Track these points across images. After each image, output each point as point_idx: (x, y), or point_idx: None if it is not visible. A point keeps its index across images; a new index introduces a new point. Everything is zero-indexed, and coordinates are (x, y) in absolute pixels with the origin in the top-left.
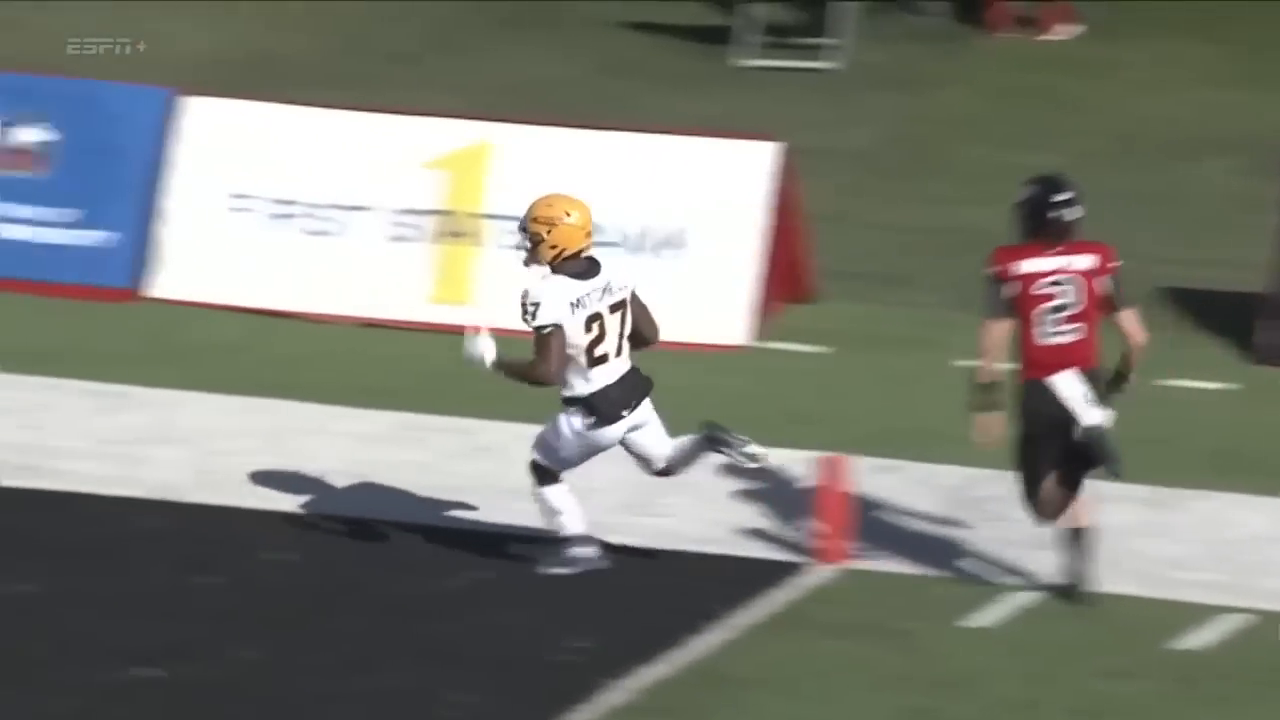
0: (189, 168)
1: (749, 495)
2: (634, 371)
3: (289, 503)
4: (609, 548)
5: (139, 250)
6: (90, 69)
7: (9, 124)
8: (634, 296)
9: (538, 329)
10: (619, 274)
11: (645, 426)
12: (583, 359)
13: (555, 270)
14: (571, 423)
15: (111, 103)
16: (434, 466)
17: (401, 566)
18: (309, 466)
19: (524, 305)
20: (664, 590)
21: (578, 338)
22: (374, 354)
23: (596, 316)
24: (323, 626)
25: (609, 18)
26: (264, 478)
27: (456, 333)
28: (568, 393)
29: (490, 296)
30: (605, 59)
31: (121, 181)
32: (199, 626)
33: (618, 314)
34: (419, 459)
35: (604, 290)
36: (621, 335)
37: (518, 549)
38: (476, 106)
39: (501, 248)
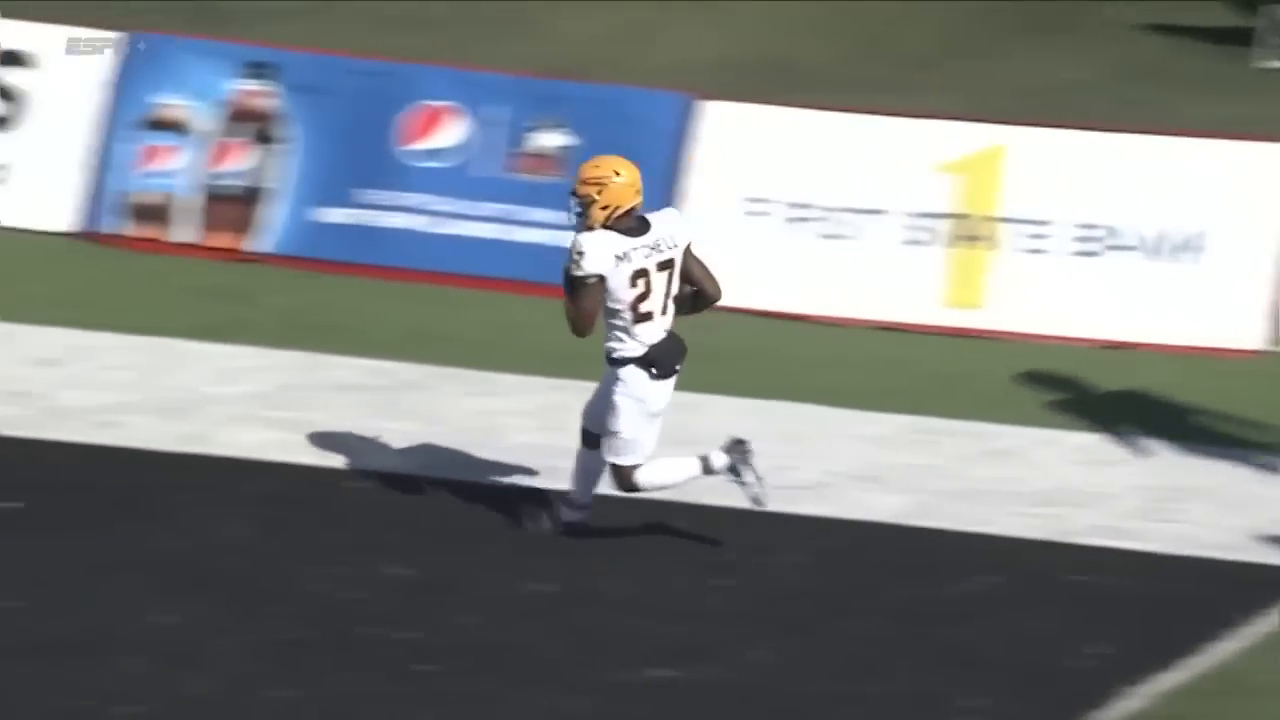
0: (706, 171)
1: (1269, 501)
2: (674, 335)
3: (803, 505)
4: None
5: None
6: (607, 74)
7: (531, 129)
8: (689, 253)
9: (579, 278)
10: (669, 232)
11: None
12: (628, 315)
13: (607, 229)
14: (627, 389)
15: (630, 107)
16: (947, 470)
17: (913, 569)
18: (824, 469)
19: (571, 254)
20: (1181, 597)
21: (623, 293)
22: (887, 357)
23: (643, 273)
24: (835, 629)
25: (1129, 20)
26: (777, 480)
27: (970, 336)
28: (619, 353)
29: (1003, 300)
30: (1124, 62)
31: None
32: (714, 628)
33: (665, 272)
34: (932, 462)
35: (652, 247)
36: (668, 295)
37: (1032, 554)
38: (992, 110)
39: (1016, 251)
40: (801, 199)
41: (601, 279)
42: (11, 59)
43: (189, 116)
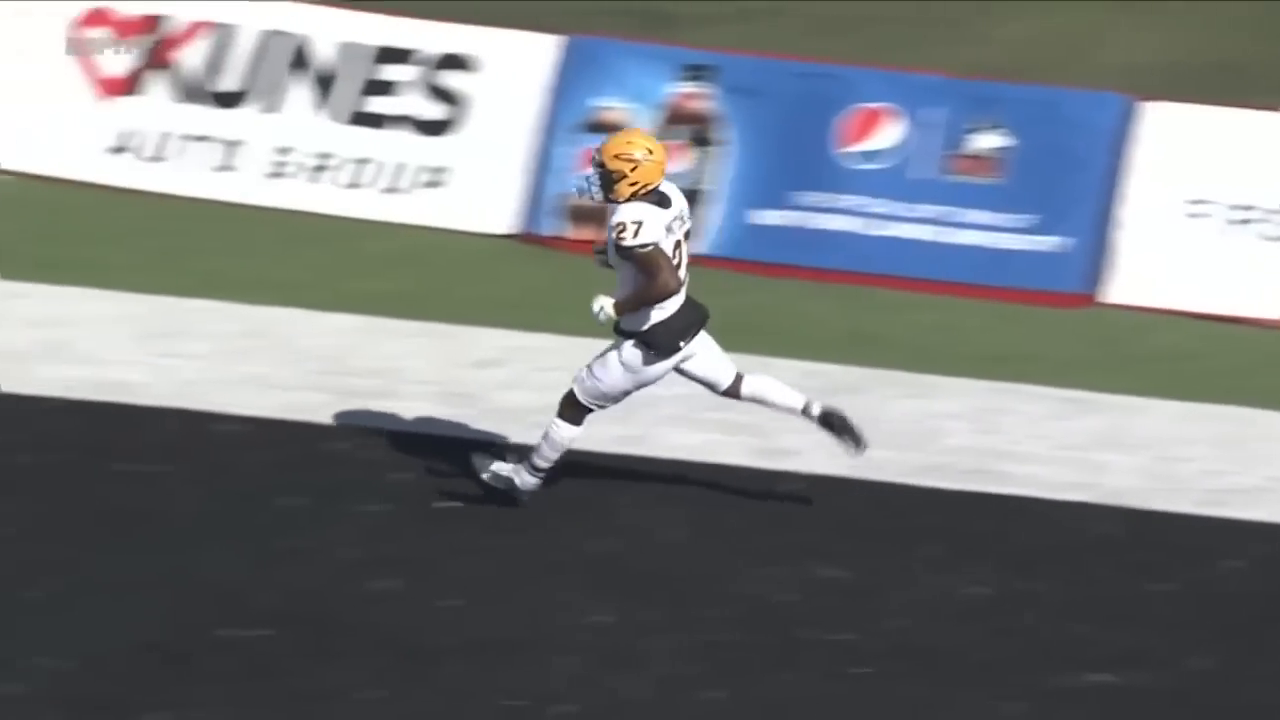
0: (1146, 174)
1: None
2: (690, 301)
3: (1240, 510)
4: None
5: (1095, 256)
6: (1041, 76)
7: (968, 131)
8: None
9: (640, 247)
10: (683, 204)
11: (698, 354)
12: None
13: (631, 200)
14: (625, 357)
15: (1069, 109)
16: None
17: None
18: (1263, 474)
19: (622, 227)
20: None
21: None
22: None
23: (678, 245)
24: (1276, 636)
25: None
26: (1214, 485)
27: None
28: (630, 324)
29: None
30: None
31: (1078, 188)
32: (1152, 633)
33: (687, 242)
34: None
35: (680, 218)
36: (685, 263)
37: None
38: None
39: None
40: (1244, 201)
41: (658, 245)
42: (452, 62)
43: (627, 119)
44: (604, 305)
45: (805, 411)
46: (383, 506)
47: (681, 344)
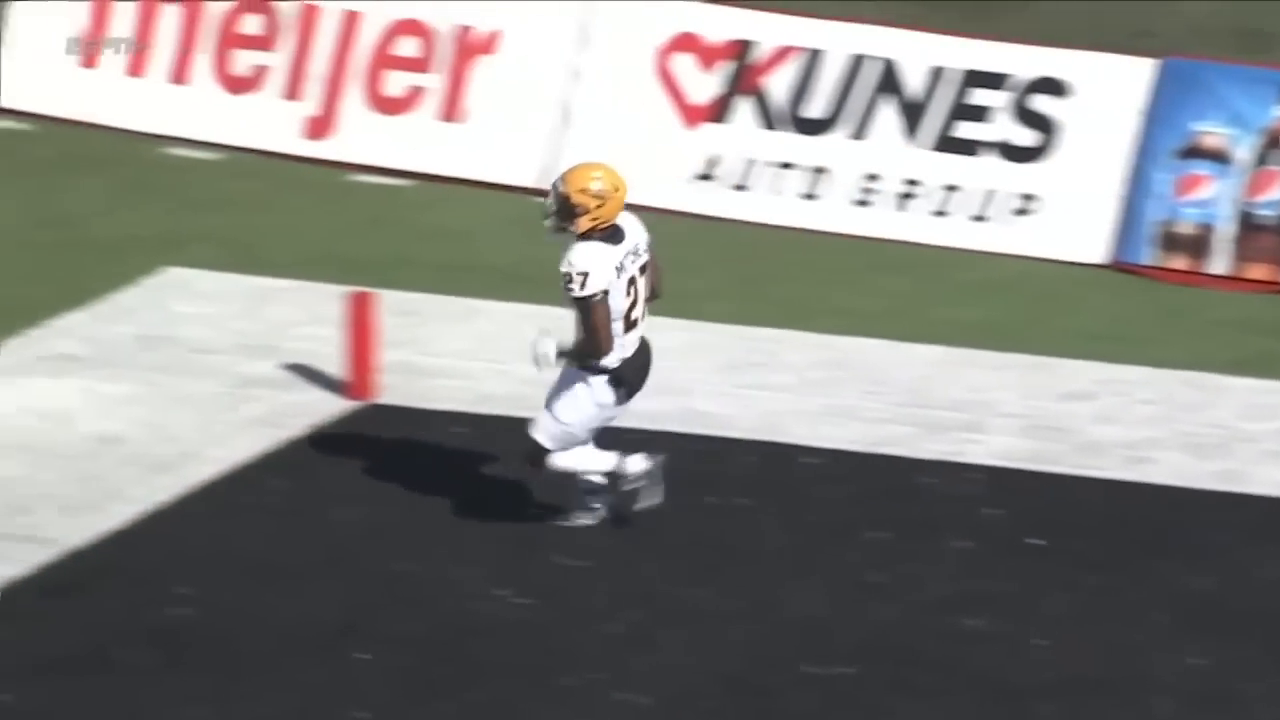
0: None
1: None
2: (644, 343)
3: None
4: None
5: None
6: None
7: None
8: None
9: (587, 299)
10: (640, 234)
11: None
12: (620, 325)
13: (585, 237)
14: (598, 396)
15: None
16: None
17: None
18: None
19: (568, 278)
20: None
21: (618, 302)
22: None
23: (632, 280)
24: None
25: None
26: None
27: None
28: (602, 362)
29: None
30: None
31: None
32: None
33: (644, 276)
34: None
35: (634, 253)
36: (644, 298)
37: None
38: None
39: None
40: None
41: (606, 294)
42: (1044, 86)
43: (1227, 145)
44: (548, 351)
45: (614, 474)
46: (971, 542)
47: (644, 380)
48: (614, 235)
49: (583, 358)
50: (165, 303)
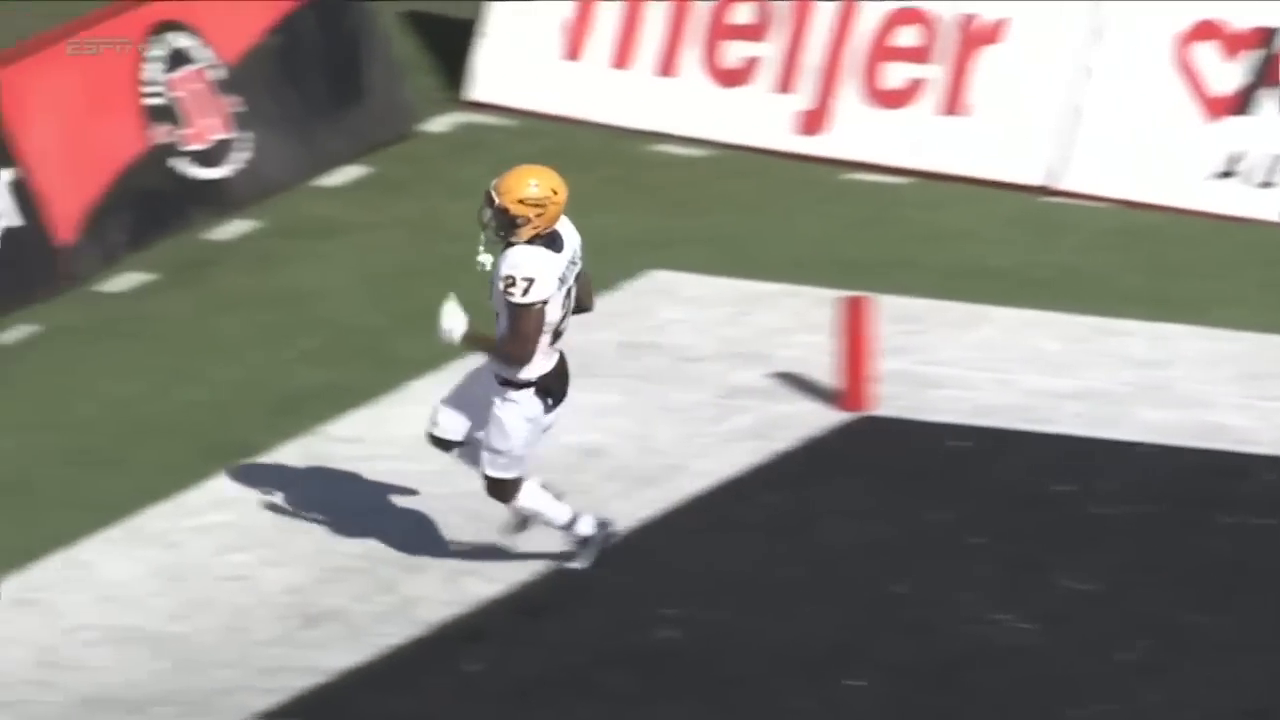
0: None
1: None
2: (561, 354)
3: None
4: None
5: None
6: None
7: None
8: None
9: (526, 306)
10: (576, 242)
11: None
12: (548, 337)
13: (528, 243)
14: (526, 411)
15: None
16: None
17: None
18: None
19: (511, 281)
20: None
21: (554, 313)
22: None
23: (569, 290)
24: None
25: None
26: None
27: None
28: (524, 374)
29: None
30: None
31: None
32: None
33: (577, 284)
34: None
35: (572, 261)
36: (569, 312)
37: None
38: None
39: None
40: None
41: (545, 304)
42: None
43: None
44: (455, 328)
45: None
46: None
47: (568, 388)
48: (554, 241)
49: (502, 360)
50: (650, 308)
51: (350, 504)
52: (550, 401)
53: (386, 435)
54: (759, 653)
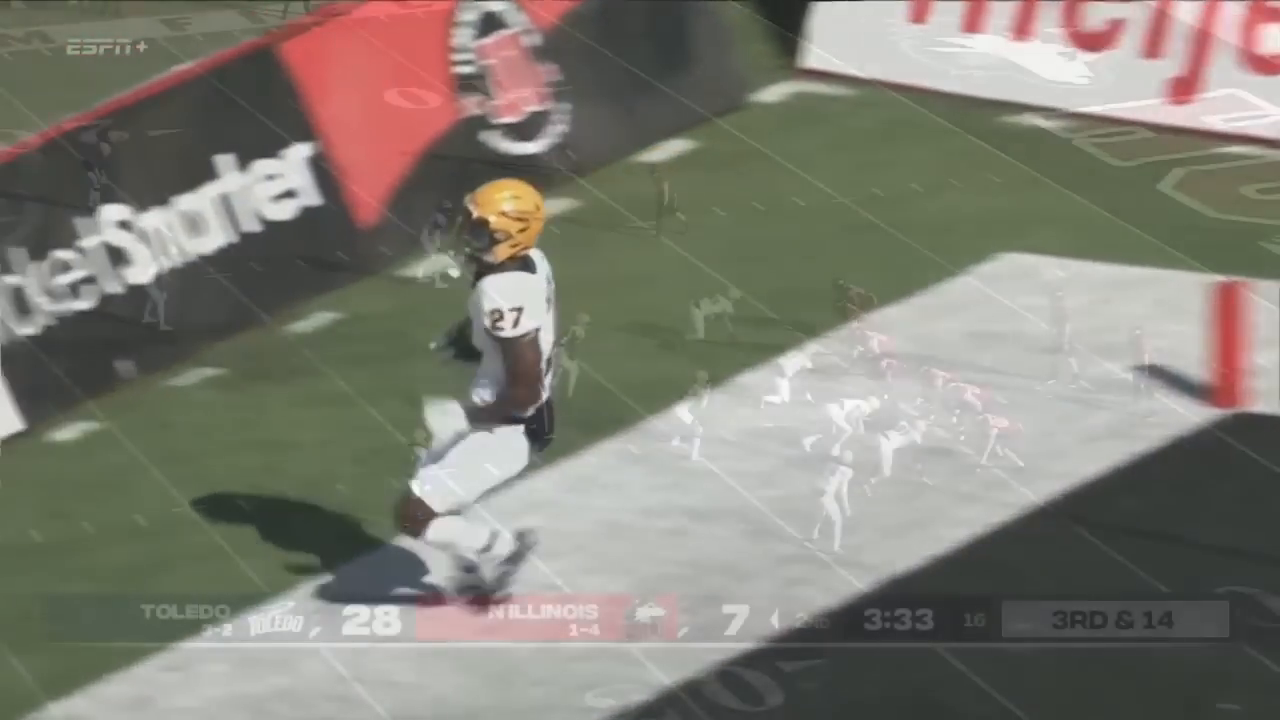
0: None
1: None
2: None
3: None
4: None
5: None
6: None
7: None
8: None
9: (519, 339)
10: (544, 262)
11: None
12: (543, 365)
13: (500, 268)
14: (517, 445)
15: None
16: None
17: None
18: None
19: (498, 315)
20: None
21: (547, 339)
22: None
23: (552, 314)
24: None
25: None
26: None
27: None
28: (523, 411)
29: None
30: None
31: None
32: None
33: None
34: None
35: (548, 279)
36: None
37: None
38: None
39: None
40: None
41: (539, 332)
42: None
43: None
44: (454, 423)
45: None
46: None
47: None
48: (528, 264)
49: (514, 409)
50: (1002, 294)
51: (673, 507)
52: (537, 445)
53: (712, 434)
54: (1120, 669)
